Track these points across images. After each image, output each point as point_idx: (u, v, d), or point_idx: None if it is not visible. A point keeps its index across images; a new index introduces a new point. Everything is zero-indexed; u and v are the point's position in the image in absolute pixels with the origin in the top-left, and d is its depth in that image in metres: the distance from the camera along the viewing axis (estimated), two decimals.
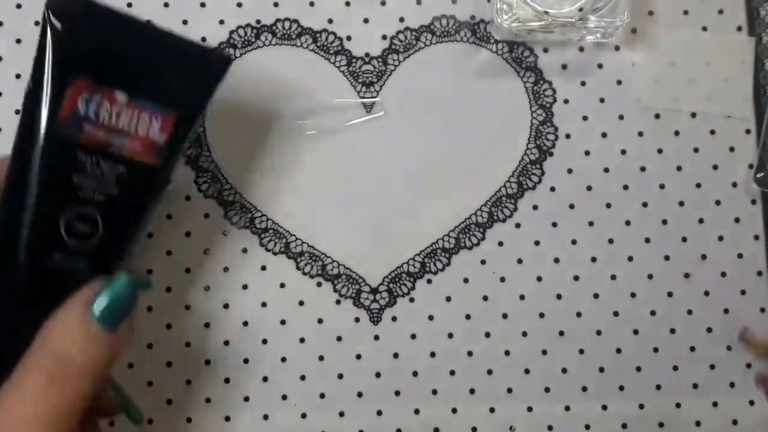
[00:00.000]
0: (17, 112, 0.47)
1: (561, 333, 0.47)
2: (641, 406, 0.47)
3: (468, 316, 0.47)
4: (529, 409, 0.47)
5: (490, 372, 0.47)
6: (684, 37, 0.49)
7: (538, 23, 0.45)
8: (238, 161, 0.47)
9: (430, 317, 0.47)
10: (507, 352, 0.47)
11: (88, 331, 0.30)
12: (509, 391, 0.47)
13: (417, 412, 0.46)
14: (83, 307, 0.31)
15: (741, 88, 0.48)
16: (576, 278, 0.47)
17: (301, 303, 0.47)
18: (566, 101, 0.48)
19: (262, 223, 0.47)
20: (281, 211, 0.47)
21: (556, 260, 0.47)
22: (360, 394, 0.46)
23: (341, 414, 0.46)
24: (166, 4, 0.48)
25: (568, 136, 0.48)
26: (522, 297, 0.47)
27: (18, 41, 0.47)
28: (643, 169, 0.48)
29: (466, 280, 0.47)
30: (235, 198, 0.47)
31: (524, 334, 0.47)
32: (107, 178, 0.34)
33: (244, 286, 0.46)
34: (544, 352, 0.47)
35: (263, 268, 0.47)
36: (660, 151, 0.48)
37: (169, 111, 0.35)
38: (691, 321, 0.47)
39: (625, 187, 0.48)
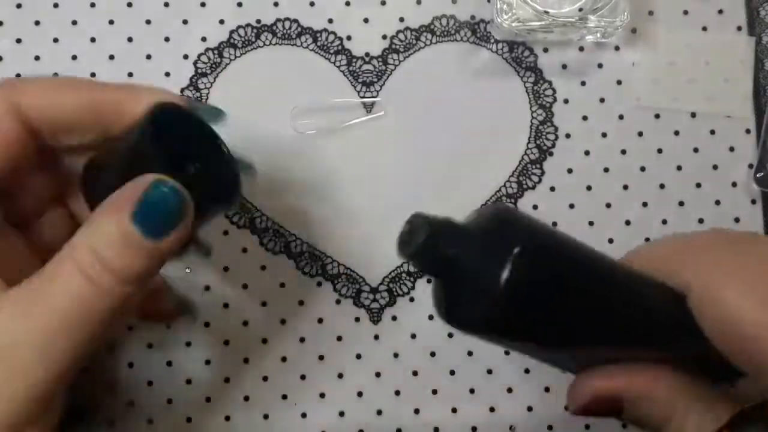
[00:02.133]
0: None
1: None
2: None
3: None
4: (529, 408, 0.47)
5: (489, 372, 0.47)
6: (684, 37, 0.49)
7: (538, 23, 0.45)
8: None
9: (430, 317, 0.47)
10: (507, 352, 0.47)
11: (127, 237, 0.27)
12: (509, 390, 0.47)
13: (417, 412, 0.46)
14: (124, 210, 0.27)
15: (741, 88, 0.48)
16: None
17: (301, 303, 0.47)
18: (566, 101, 0.48)
19: (262, 223, 0.47)
20: (281, 211, 0.47)
21: None
22: (360, 394, 0.46)
23: (341, 414, 0.46)
24: (167, 4, 0.48)
25: (568, 135, 0.48)
26: None
27: (18, 41, 0.47)
28: (643, 169, 0.48)
29: None
30: None
31: None
32: None
33: (244, 286, 0.46)
34: None
35: (263, 268, 0.47)
36: (660, 150, 0.48)
37: None
38: None
39: (625, 187, 0.48)
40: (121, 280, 0.27)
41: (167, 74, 0.47)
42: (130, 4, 0.48)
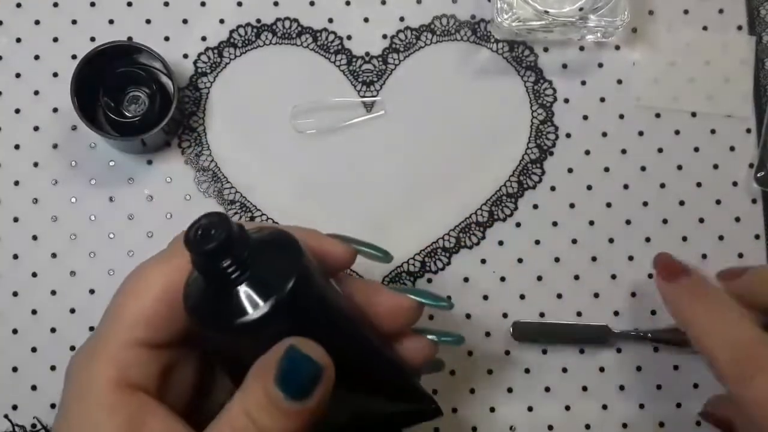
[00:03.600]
0: (17, 111, 0.47)
1: None
2: (641, 406, 0.47)
3: (468, 316, 0.47)
4: (530, 408, 0.46)
5: (490, 372, 0.47)
6: (684, 36, 0.48)
7: (539, 22, 0.45)
8: (239, 161, 0.47)
9: (430, 317, 0.47)
10: (507, 352, 0.47)
11: (273, 400, 0.28)
12: (509, 390, 0.47)
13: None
14: (269, 374, 0.28)
15: (741, 87, 0.48)
16: (576, 277, 0.47)
17: None
18: (566, 100, 0.48)
19: (262, 223, 0.47)
20: (281, 211, 0.47)
21: (557, 259, 0.47)
22: None
23: None
24: (166, 4, 0.48)
25: (568, 135, 0.48)
26: (522, 296, 0.47)
27: (18, 40, 0.47)
28: (643, 168, 0.48)
29: (466, 280, 0.47)
30: (235, 198, 0.47)
31: None
32: None
33: None
34: (544, 352, 0.47)
35: None
36: (660, 150, 0.48)
37: None
38: None
39: (626, 187, 0.48)
40: None
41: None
42: (130, 4, 0.47)
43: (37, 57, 0.47)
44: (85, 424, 0.30)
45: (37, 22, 0.47)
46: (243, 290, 0.28)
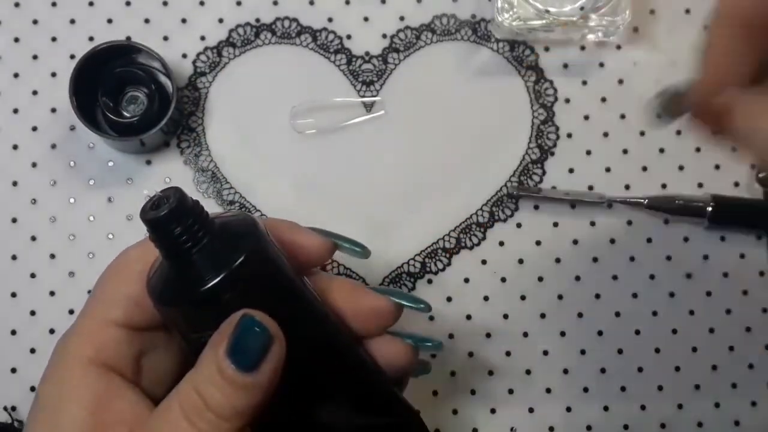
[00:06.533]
0: (15, 111, 0.46)
1: (562, 333, 0.47)
2: (643, 407, 0.47)
3: (468, 317, 0.47)
4: (531, 410, 0.46)
5: (491, 373, 0.46)
6: (686, 35, 0.48)
7: (539, 22, 0.45)
8: (238, 161, 0.47)
9: (431, 317, 0.46)
10: (508, 353, 0.46)
11: (223, 372, 0.27)
12: (510, 392, 0.46)
13: (418, 413, 0.46)
14: (220, 346, 0.28)
15: None
16: (577, 279, 0.47)
17: None
18: (567, 100, 0.48)
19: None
20: (281, 211, 0.47)
21: (557, 260, 0.47)
22: None
23: None
24: (165, 3, 0.47)
25: (569, 135, 0.48)
26: (523, 297, 0.47)
27: (16, 40, 0.47)
28: (644, 168, 0.48)
29: (466, 280, 0.47)
30: (235, 198, 0.47)
31: (525, 334, 0.47)
32: None
33: None
34: (546, 353, 0.47)
35: None
36: (662, 150, 0.48)
37: None
38: (693, 321, 0.47)
39: (627, 187, 0.47)
40: (223, 417, 0.27)
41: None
42: (128, 3, 0.47)
43: (35, 57, 0.47)
44: (54, 399, 0.30)
45: (35, 22, 0.47)
46: (194, 264, 0.28)
